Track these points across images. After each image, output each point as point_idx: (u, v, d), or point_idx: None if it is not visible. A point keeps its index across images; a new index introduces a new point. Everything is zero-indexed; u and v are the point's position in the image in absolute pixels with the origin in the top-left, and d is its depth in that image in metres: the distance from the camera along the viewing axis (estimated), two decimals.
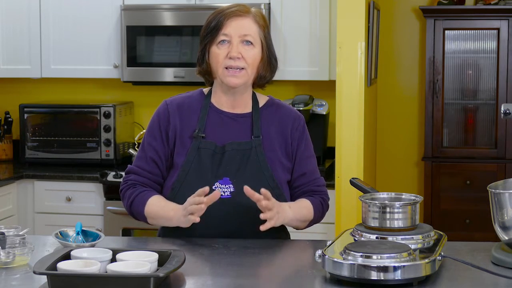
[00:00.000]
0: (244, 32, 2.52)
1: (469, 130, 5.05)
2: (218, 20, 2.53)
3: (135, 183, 2.61)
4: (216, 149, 2.56)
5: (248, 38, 2.52)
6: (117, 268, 2.00)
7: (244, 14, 2.54)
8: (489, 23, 4.93)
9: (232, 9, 2.54)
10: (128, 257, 2.10)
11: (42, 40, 4.83)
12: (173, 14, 4.66)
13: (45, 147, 4.82)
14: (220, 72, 2.53)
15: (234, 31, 2.51)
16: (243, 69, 2.52)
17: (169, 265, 2.04)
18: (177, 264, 2.05)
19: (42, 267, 2.00)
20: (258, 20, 2.56)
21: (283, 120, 2.63)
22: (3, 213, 4.44)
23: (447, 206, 5.00)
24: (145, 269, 2.00)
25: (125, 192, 2.62)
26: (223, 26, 2.51)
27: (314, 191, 2.65)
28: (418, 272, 2.01)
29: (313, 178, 2.66)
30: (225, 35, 2.51)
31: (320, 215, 2.66)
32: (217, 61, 2.53)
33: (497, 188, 2.27)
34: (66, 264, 2.03)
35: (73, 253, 2.13)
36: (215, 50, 2.53)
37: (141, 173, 2.60)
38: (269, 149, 2.59)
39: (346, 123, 4.13)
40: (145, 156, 2.61)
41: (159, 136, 2.60)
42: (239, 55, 2.51)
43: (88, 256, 2.10)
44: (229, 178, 2.54)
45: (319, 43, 4.53)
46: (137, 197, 2.57)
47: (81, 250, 2.16)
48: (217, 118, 2.60)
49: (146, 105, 5.08)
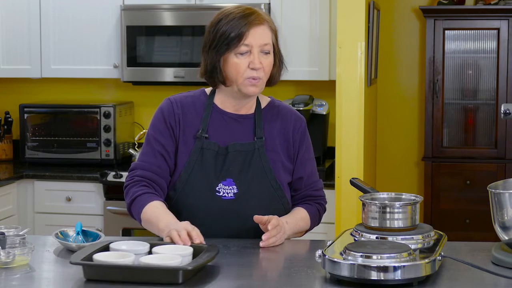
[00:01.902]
0: (264, 41, 2.50)
1: (469, 130, 5.06)
2: (239, 30, 2.47)
3: (142, 179, 2.54)
4: (219, 150, 2.55)
5: (267, 48, 2.51)
6: (150, 261, 2.06)
7: (262, 22, 2.51)
8: (489, 23, 4.94)
9: (250, 18, 2.49)
10: (164, 250, 2.16)
11: (42, 40, 4.83)
12: (173, 14, 4.66)
13: (45, 147, 4.82)
14: (240, 82, 2.50)
15: (255, 41, 2.49)
16: (261, 78, 2.52)
17: (199, 259, 2.10)
18: (207, 259, 2.10)
19: (79, 257, 2.07)
20: (272, 26, 2.55)
21: (285, 122, 2.63)
22: (3, 213, 4.44)
23: (447, 206, 5.00)
24: (176, 262, 2.05)
25: (129, 189, 2.55)
26: (245, 36, 2.47)
27: (311, 196, 2.66)
28: (418, 272, 2.01)
29: (311, 181, 2.66)
30: (246, 46, 2.48)
31: (317, 223, 2.69)
32: (238, 72, 2.49)
33: (497, 188, 2.27)
34: (102, 256, 2.10)
35: (112, 245, 2.20)
36: (234, 60, 2.49)
37: (148, 168, 2.55)
38: (272, 150, 2.58)
39: (346, 123, 4.13)
40: (152, 150, 2.56)
41: (165, 131, 2.57)
42: (261, 66, 2.49)
43: (126, 249, 2.17)
44: (232, 179, 2.53)
45: (319, 43, 4.53)
46: (139, 197, 2.51)
47: (120, 242, 2.23)
48: (220, 118, 2.59)
49: (146, 105, 5.08)
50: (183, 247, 2.20)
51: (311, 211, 2.64)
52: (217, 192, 2.52)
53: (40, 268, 2.25)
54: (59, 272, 2.27)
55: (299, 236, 2.64)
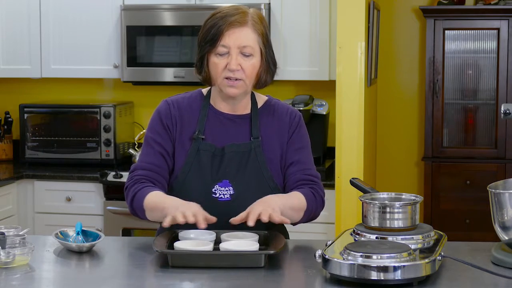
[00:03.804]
0: (243, 43, 2.48)
1: (469, 130, 5.06)
2: (217, 29, 2.47)
3: (142, 178, 2.54)
4: (216, 151, 2.55)
5: (247, 50, 2.48)
6: (230, 247, 2.25)
7: (243, 23, 2.48)
8: (489, 23, 4.94)
9: (231, 18, 2.48)
10: (232, 237, 2.34)
11: (42, 40, 4.83)
12: (173, 14, 4.66)
13: (45, 147, 4.82)
14: (219, 82, 2.51)
15: (233, 42, 2.47)
16: (241, 80, 2.50)
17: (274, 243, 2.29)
18: (281, 245, 2.27)
19: (163, 247, 2.25)
20: (257, 28, 2.51)
21: (281, 120, 2.62)
22: (3, 213, 4.44)
23: (447, 206, 5.00)
24: (254, 248, 2.24)
25: (130, 188, 2.54)
26: (222, 37, 2.47)
27: (303, 180, 2.57)
28: (418, 272, 2.01)
29: (303, 168, 2.59)
30: (224, 47, 2.48)
31: (315, 206, 2.55)
32: (216, 72, 2.50)
33: (497, 188, 2.27)
34: (183, 244, 2.27)
35: (181, 234, 2.37)
36: (214, 60, 2.50)
37: (148, 167, 2.55)
38: (269, 150, 2.58)
39: (346, 123, 4.13)
40: (152, 151, 2.56)
41: (163, 132, 2.58)
42: (238, 67, 2.48)
43: (196, 237, 2.35)
44: (228, 180, 2.53)
45: (319, 43, 4.53)
46: (140, 191, 2.50)
47: (188, 231, 2.38)
48: (216, 119, 2.59)
49: (146, 105, 5.08)
50: (249, 233, 2.36)
51: (304, 192, 2.54)
52: (213, 194, 2.52)
53: (40, 268, 2.25)
54: (59, 272, 2.28)
55: (298, 218, 2.51)
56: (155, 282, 2.13)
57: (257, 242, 2.31)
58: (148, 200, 2.47)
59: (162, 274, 2.17)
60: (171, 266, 2.20)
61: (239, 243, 2.28)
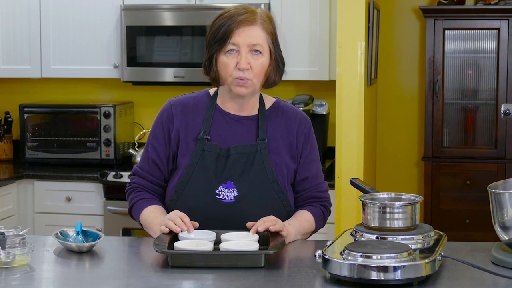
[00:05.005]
0: (253, 41, 2.48)
1: (469, 130, 5.06)
2: (226, 28, 2.47)
3: (138, 186, 2.64)
4: (221, 152, 2.54)
5: (256, 48, 2.49)
6: (230, 247, 2.26)
7: (252, 22, 2.48)
8: (489, 23, 4.94)
9: (240, 17, 2.48)
10: (232, 237, 2.35)
11: (42, 40, 4.83)
12: (173, 14, 4.66)
13: (45, 147, 4.82)
14: (229, 81, 2.50)
15: (242, 40, 2.47)
16: (250, 80, 2.50)
17: (274, 243, 2.29)
18: (281, 245, 2.27)
19: (163, 247, 2.23)
20: (266, 27, 2.52)
21: (289, 123, 2.61)
22: (3, 213, 4.44)
23: (447, 206, 5.00)
24: (254, 248, 2.25)
25: (128, 195, 2.67)
26: (232, 36, 2.47)
27: (315, 197, 2.64)
28: (418, 272, 2.01)
29: (316, 183, 2.64)
30: (234, 45, 2.47)
31: (322, 225, 2.66)
32: (226, 71, 2.49)
33: (497, 188, 2.27)
34: (183, 244, 2.28)
35: (181, 234, 2.36)
36: (223, 59, 2.49)
37: (143, 175, 2.63)
38: (275, 152, 2.56)
39: (346, 123, 4.13)
40: (147, 157, 2.63)
41: (161, 137, 2.60)
42: (248, 66, 2.47)
43: (196, 237, 2.35)
44: (232, 182, 2.52)
45: (319, 43, 4.53)
46: (137, 203, 2.61)
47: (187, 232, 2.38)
48: (222, 120, 2.58)
49: (146, 105, 5.09)
50: (248, 234, 2.37)
51: (315, 212, 2.62)
52: (217, 195, 2.51)
53: (40, 268, 2.25)
54: (59, 272, 2.27)
55: (304, 238, 2.61)
56: (155, 282, 2.13)
57: (257, 242, 2.31)
58: (142, 218, 2.60)
59: (162, 274, 2.17)
60: (171, 266, 2.20)
61: (239, 243, 2.29)
